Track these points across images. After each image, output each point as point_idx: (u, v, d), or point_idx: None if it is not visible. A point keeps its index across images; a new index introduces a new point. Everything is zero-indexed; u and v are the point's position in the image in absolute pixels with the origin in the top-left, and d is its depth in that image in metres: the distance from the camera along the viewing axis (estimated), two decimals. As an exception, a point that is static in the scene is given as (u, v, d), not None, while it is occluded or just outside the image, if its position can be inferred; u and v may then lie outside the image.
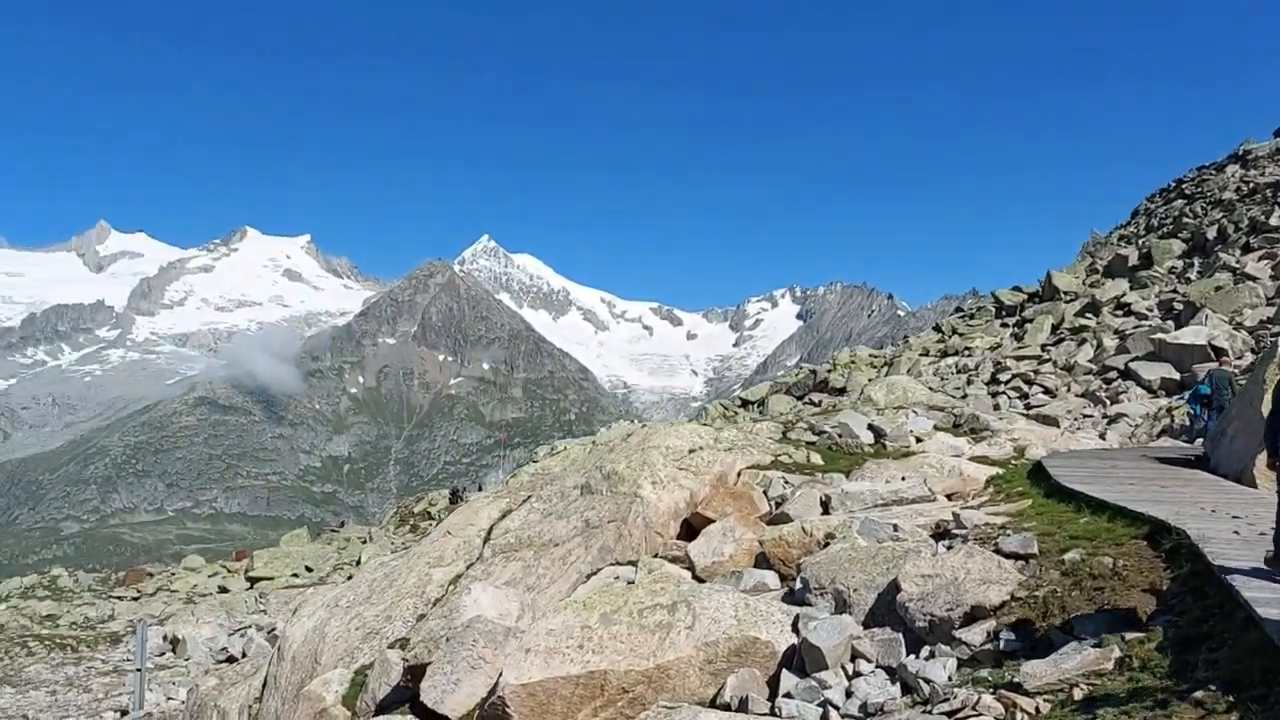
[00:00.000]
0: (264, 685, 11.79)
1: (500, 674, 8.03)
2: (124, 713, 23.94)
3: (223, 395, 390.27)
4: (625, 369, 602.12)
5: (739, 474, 13.74)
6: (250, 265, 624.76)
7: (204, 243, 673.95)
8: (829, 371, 43.12)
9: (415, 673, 9.21)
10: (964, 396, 28.84)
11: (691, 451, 13.58)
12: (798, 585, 9.23)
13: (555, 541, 11.33)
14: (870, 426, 17.82)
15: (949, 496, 12.96)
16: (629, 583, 9.98)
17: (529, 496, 12.89)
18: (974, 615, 7.44)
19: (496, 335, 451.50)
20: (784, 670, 7.83)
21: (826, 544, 10.09)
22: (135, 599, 45.24)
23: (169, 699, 24.38)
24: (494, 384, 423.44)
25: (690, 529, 12.23)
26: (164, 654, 31.87)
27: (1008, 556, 8.31)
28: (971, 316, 47.01)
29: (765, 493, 13.03)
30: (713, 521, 11.73)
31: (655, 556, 11.37)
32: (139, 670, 21.94)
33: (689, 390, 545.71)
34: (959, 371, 35.72)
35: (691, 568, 10.71)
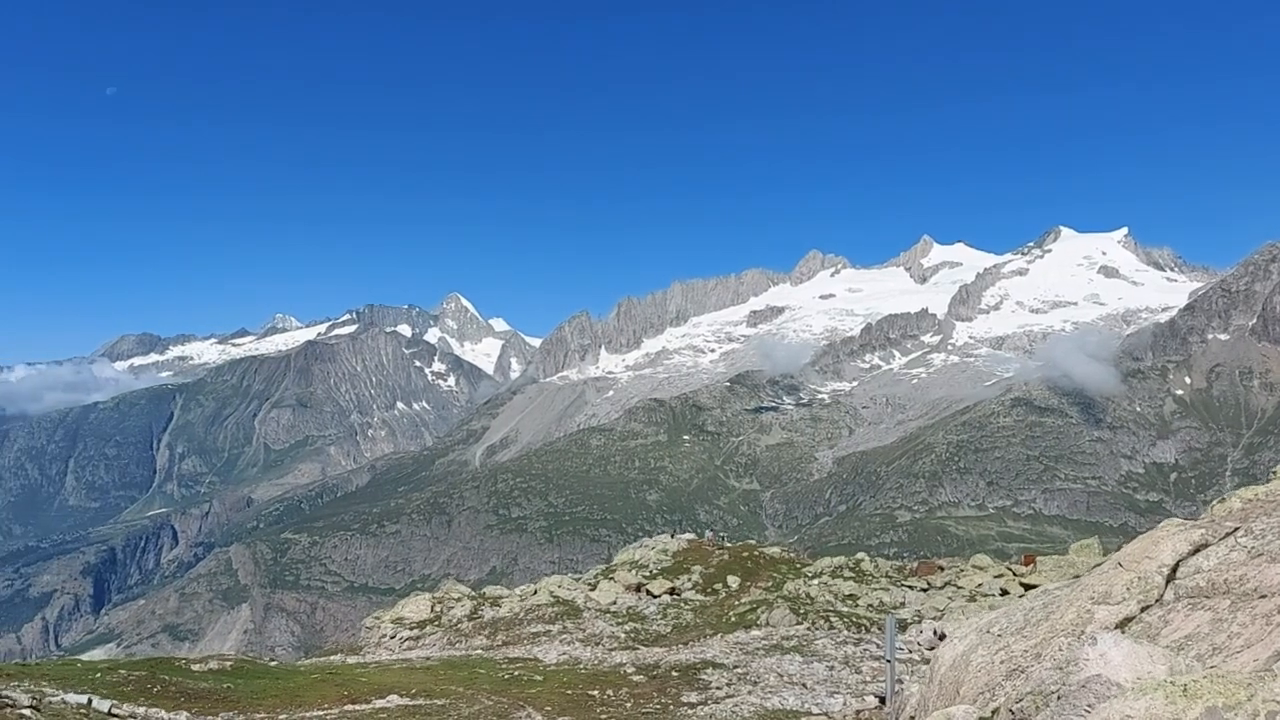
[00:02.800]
0: (918, 704, 11.18)
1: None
2: (882, 700, 25.34)
3: (1039, 396, 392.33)
4: None
5: None
6: (1064, 265, 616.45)
7: (1018, 246, 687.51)
8: None
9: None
10: None
11: None
12: None
13: (1263, 592, 8.31)
14: None
15: None
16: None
17: (1235, 529, 9.72)
18: None
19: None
20: None
21: None
22: (924, 590, 47.71)
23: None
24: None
25: None
26: (933, 648, 32.94)
27: None
28: None
29: None
30: None
31: None
32: (889, 661, 23.05)
33: None
34: None
35: None
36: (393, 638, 54.00)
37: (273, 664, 46.14)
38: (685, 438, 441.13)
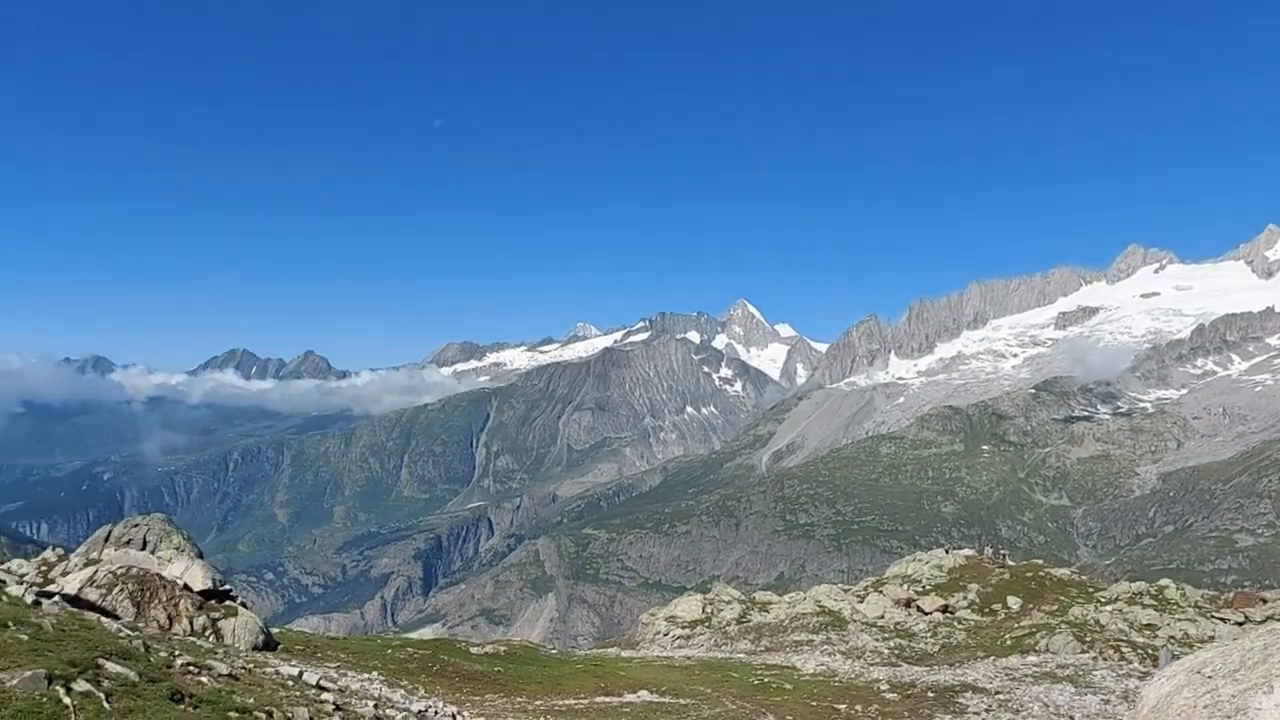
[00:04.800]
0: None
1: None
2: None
3: None
4: None
5: None
6: None
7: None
8: None
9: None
10: None
11: None
12: None
13: None
14: None
15: None
16: None
17: None
18: None
19: None
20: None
21: None
22: (1239, 624, 42.36)
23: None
24: None
25: None
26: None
27: None
28: None
29: None
30: None
31: None
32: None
33: None
34: None
35: None
36: (665, 635, 55.94)
37: (552, 652, 49.45)
38: (984, 447, 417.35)
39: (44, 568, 49.43)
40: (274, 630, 47.14)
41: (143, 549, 49.28)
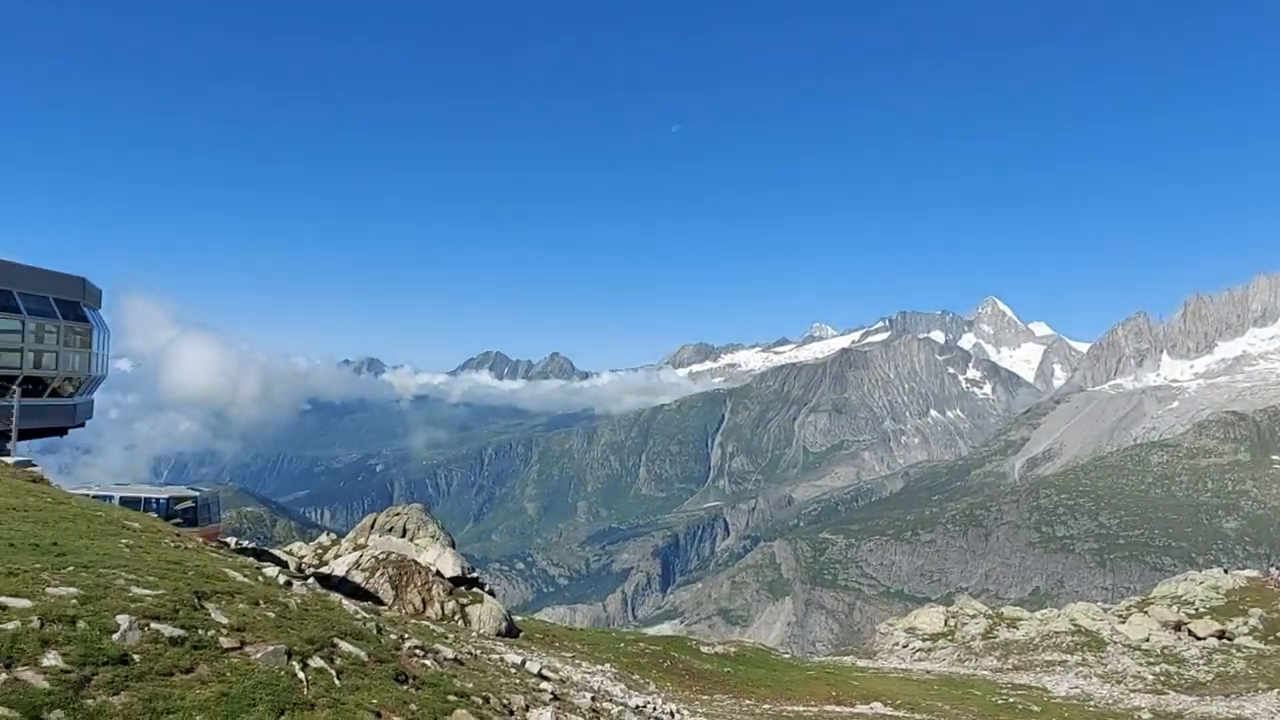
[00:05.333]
0: None
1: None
2: None
3: None
4: None
5: None
6: None
7: None
8: None
9: None
10: None
11: None
12: None
13: None
14: None
15: None
16: None
17: None
18: None
19: None
20: None
21: None
22: None
23: None
24: None
25: None
26: None
27: None
28: None
29: None
30: None
31: None
32: None
33: None
34: None
35: None
36: (904, 646, 53.78)
37: (784, 656, 48.76)
38: (1275, 458, 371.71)
39: (319, 550, 54.62)
40: (518, 618, 49.60)
41: (402, 536, 53.30)
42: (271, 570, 13.26)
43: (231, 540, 58.74)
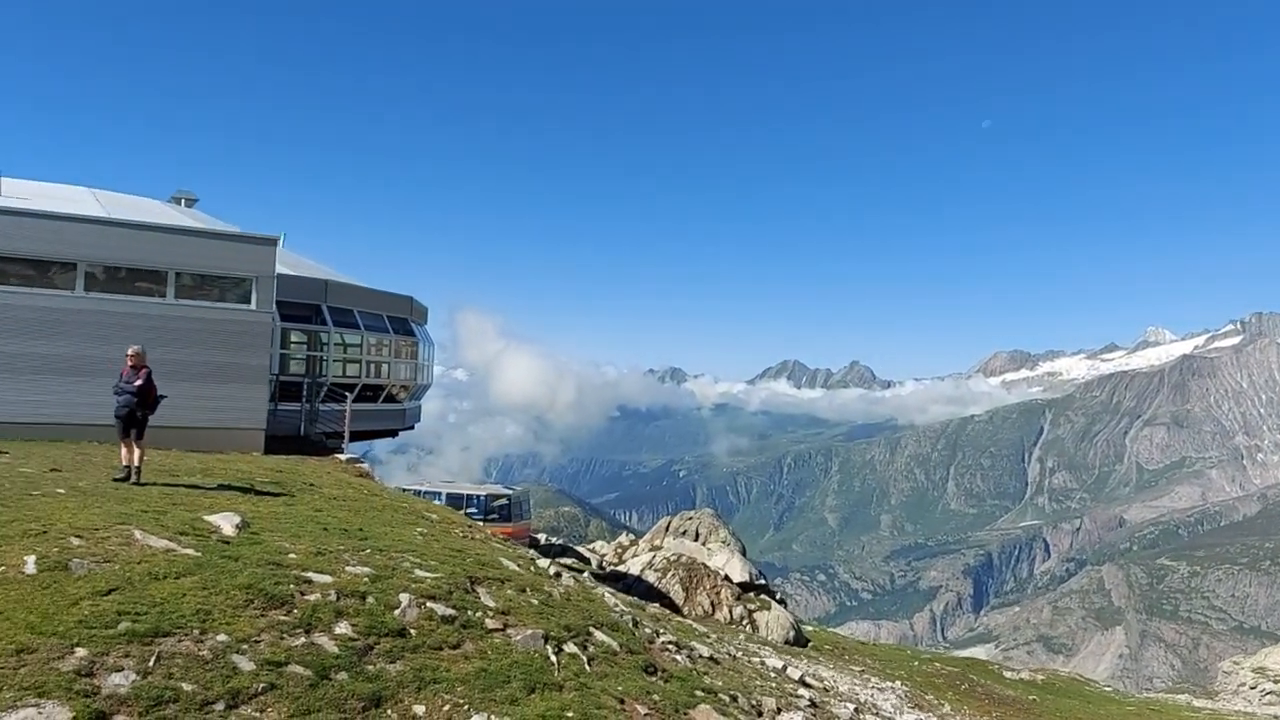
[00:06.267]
0: None
1: None
2: None
3: None
4: None
5: None
6: None
7: None
8: None
9: None
10: None
11: None
12: None
13: None
14: None
15: None
16: None
17: None
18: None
19: None
20: None
21: None
22: None
23: None
24: None
25: None
26: None
27: None
28: None
29: None
30: None
31: None
32: None
33: None
34: None
35: None
36: (1251, 688, 47.59)
37: (1105, 689, 44.69)
38: None
39: (619, 550, 57.48)
40: (809, 628, 49.22)
41: (695, 540, 54.80)
42: (544, 562, 14.25)
43: (541, 536, 63.40)
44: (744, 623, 39.91)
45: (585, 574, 23.16)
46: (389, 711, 7.95)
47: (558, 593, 11.95)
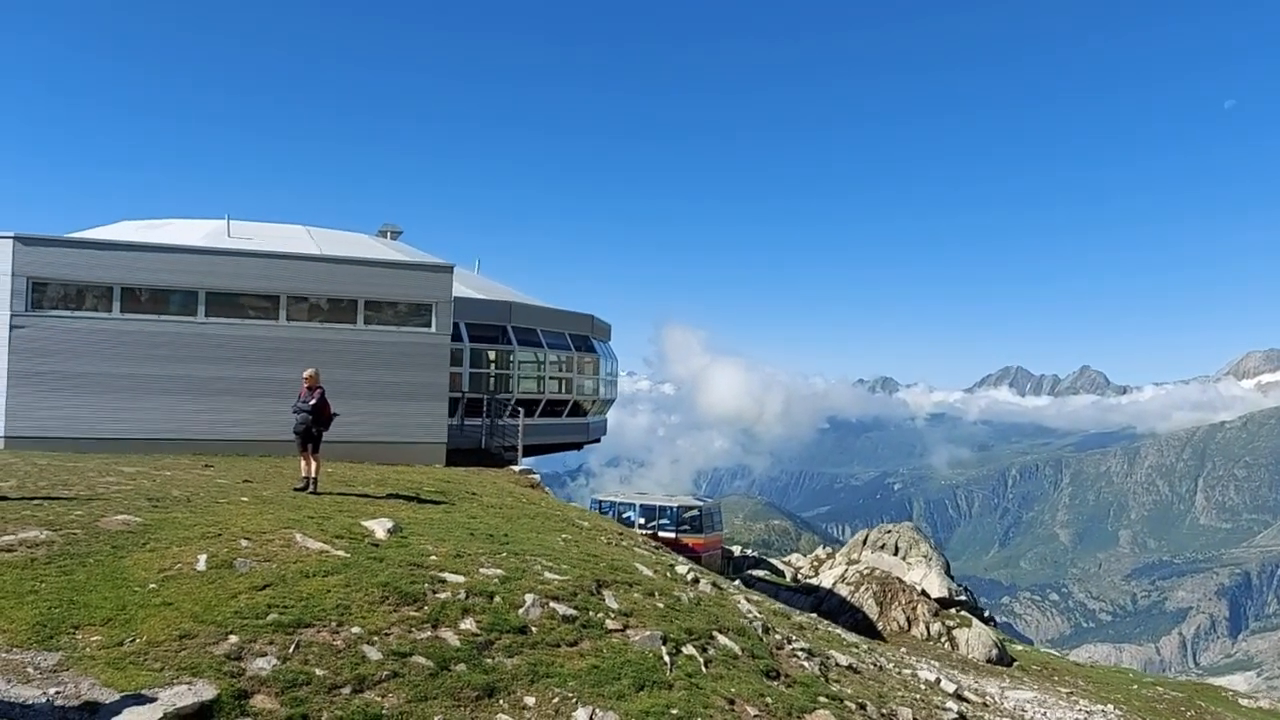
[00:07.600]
0: None
1: None
2: None
3: None
4: None
5: None
6: None
7: None
8: None
9: None
10: None
11: None
12: None
13: None
14: None
15: None
16: None
17: None
18: None
19: None
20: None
21: None
22: None
23: None
24: None
25: None
26: None
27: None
28: None
29: None
30: None
31: None
32: None
33: None
34: None
35: None
36: None
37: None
38: None
39: (815, 562, 56.67)
40: (1022, 648, 46.52)
41: (894, 554, 53.12)
42: (681, 568, 14.46)
43: (736, 548, 63.44)
44: (942, 640, 38.39)
45: (735, 583, 23.09)
46: (500, 701, 8.49)
47: (687, 597, 12.16)
